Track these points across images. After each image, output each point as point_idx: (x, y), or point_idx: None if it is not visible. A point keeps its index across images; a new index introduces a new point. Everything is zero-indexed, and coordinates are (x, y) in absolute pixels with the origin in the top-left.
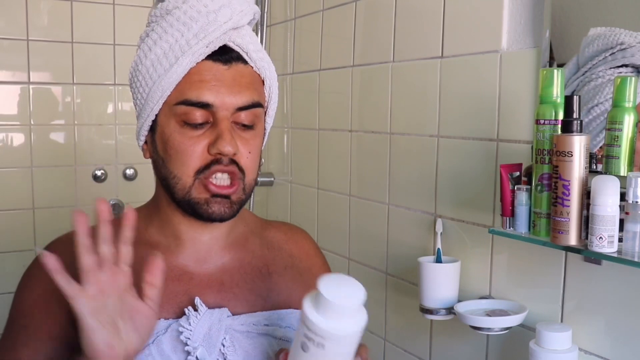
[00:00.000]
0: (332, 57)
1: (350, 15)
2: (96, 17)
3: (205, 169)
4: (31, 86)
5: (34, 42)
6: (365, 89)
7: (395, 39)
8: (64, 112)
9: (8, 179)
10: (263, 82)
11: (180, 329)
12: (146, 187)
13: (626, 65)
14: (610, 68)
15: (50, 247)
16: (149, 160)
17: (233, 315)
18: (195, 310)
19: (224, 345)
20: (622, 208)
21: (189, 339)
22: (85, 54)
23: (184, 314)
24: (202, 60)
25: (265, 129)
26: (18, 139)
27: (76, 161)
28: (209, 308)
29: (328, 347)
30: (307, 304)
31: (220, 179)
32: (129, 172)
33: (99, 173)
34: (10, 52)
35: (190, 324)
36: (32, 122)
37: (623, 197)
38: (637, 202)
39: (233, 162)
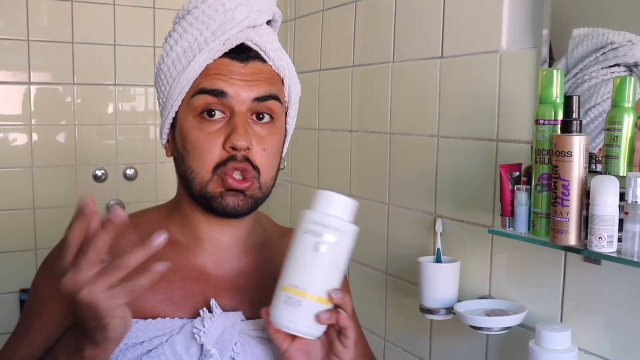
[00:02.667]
0: (332, 57)
1: (350, 15)
2: (96, 18)
3: (222, 165)
4: (32, 86)
5: (34, 43)
6: (365, 89)
7: (395, 39)
8: (64, 112)
9: (8, 179)
10: (283, 81)
11: (194, 330)
12: (147, 187)
13: (618, 65)
14: (603, 68)
15: (58, 249)
16: (150, 161)
17: (247, 319)
18: (210, 312)
19: (234, 351)
20: (621, 208)
21: (202, 340)
22: (85, 54)
23: (198, 314)
24: (219, 57)
25: (286, 130)
26: (19, 139)
27: (76, 161)
28: (224, 311)
29: (342, 240)
30: (321, 204)
31: (236, 175)
32: (130, 172)
33: (99, 173)
34: (11, 52)
35: (204, 326)
36: (32, 122)
37: (622, 197)
38: (636, 202)
39: (247, 159)
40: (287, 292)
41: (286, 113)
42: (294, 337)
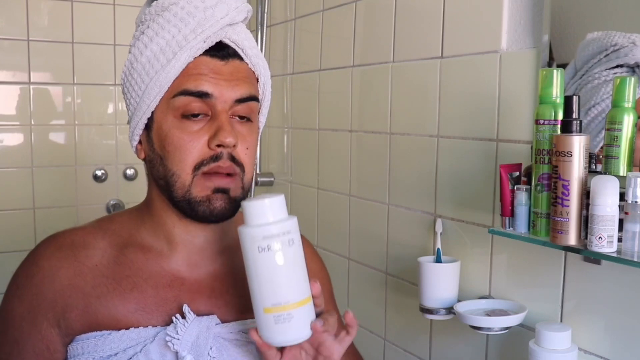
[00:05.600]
0: (332, 57)
1: (350, 16)
2: (96, 18)
3: (203, 165)
4: (31, 86)
5: (34, 43)
6: (365, 89)
7: (395, 39)
8: (64, 112)
9: (8, 179)
10: (257, 79)
11: (168, 337)
12: (146, 187)
13: (621, 66)
14: (606, 69)
15: (38, 250)
16: None
17: (223, 322)
18: (184, 317)
19: (210, 355)
20: (621, 208)
21: (176, 347)
22: (85, 54)
23: (172, 321)
24: (200, 55)
25: (258, 127)
26: (18, 139)
27: (76, 161)
28: (199, 315)
29: (291, 239)
30: (254, 218)
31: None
32: (130, 172)
33: (99, 173)
34: (11, 52)
35: (177, 332)
36: (32, 122)
37: (622, 197)
38: (636, 202)
39: (232, 159)
40: (273, 312)
41: (259, 110)
42: (282, 350)
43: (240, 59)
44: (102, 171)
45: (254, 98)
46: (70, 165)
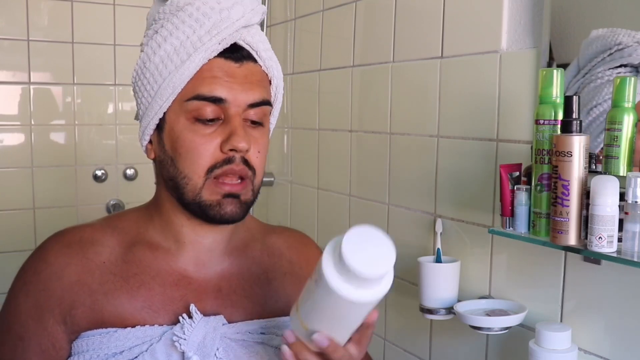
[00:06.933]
0: (332, 57)
1: (350, 16)
2: (96, 18)
3: (216, 168)
4: (32, 86)
5: (34, 43)
6: (365, 89)
7: (395, 39)
8: (64, 112)
9: (8, 179)
10: (270, 81)
11: (175, 337)
12: (146, 187)
13: (625, 65)
14: (609, 69)
15: (46, 246)
16: (150, 160)
17: (229, 322)
18: (190, 317)
19: (216, 356)
20: (621, 208)
21: (183, 347)
22: (85, 55)
23: (179, 321)
24: (214, 57)
25: (270, 129)
26: (18, 139)
27: (76, 161)
28: (206, 315)
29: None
30: (329, 262)
31: (231, 179)
32: (130, 172)
33: (99, 173)
34: (11, 52)
35: (184, 333)
36: (32, 122)
37: (622, 197)
38: (636, 202)
39: (244, 162)
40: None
41: (270, 112)
42: None
43: (254, 61)
44: (102, 171)
45: (267, 102)
46: (70, 165)
